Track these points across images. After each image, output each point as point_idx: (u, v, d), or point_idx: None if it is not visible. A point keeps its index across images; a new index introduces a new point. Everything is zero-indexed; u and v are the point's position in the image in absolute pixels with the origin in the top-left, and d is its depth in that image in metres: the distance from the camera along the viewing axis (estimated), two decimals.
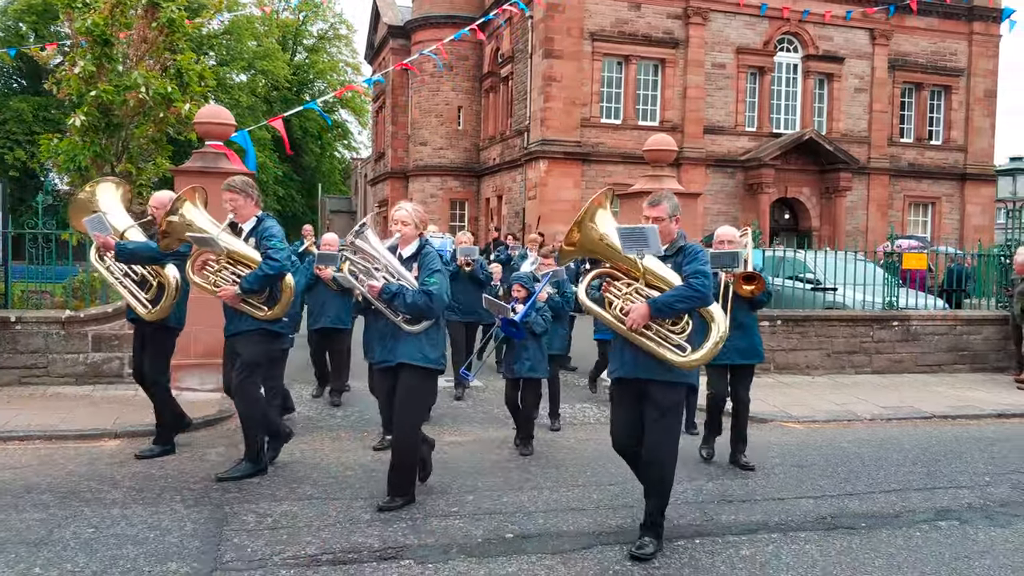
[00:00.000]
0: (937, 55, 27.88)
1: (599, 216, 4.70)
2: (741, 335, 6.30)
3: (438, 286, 5.07)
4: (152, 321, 6.19)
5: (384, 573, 4.25)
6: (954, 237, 27.33)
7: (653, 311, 4.44)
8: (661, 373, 4.58)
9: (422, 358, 5.17)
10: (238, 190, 5.78)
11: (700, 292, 4.43)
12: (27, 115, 32.87)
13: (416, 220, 5.35)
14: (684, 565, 4.53)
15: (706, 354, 4.51)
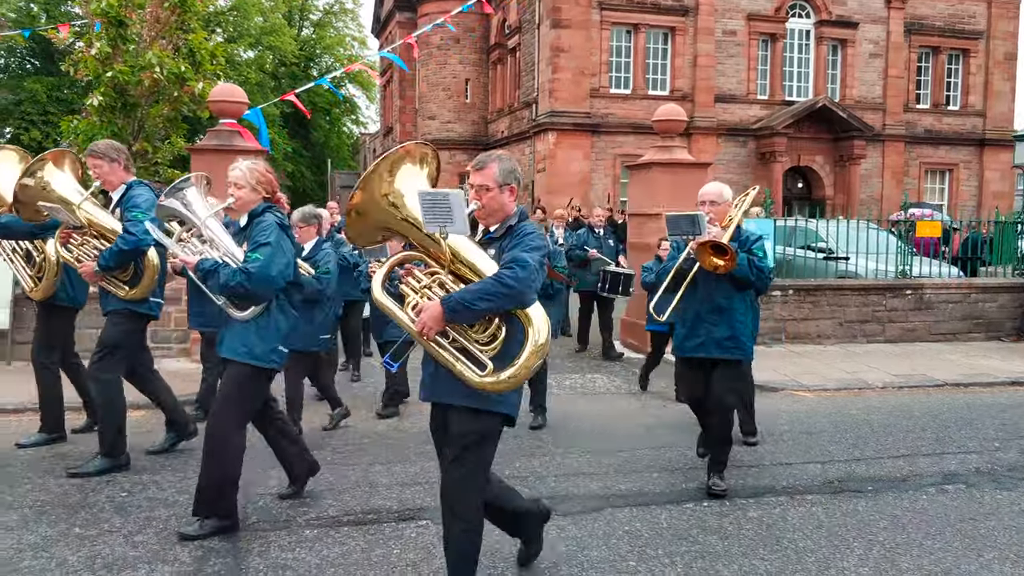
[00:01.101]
0: (955, 18, 27.48)
1: (403, 173, 3.42)
2: (720, 321, 5.15)
3: (261, 264, 4.14)
4: (40, 300, 5.70)
5: (402, 532, 4.43)
6: (972, 204, 27.13)
7: (446, 312, 3.21)
8: (463, 397, 3.37)
9: (245, 352, 4.29)
10: (100, 154, 5.25)
11: (509, 287, 3.18)
12: (41, 96, 33.02)
13: (253, 182, 4.36)
14: (692, 526, 4.68)
15: (517, 372, 3.27)
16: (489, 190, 3.45)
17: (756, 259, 5.07)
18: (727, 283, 5.14)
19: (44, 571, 3.90)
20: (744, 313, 5.23)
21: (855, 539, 4.54)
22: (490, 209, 3.47)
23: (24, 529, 4.38)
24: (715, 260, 4.97)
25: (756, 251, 5.11)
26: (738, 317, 5.19)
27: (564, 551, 4.29)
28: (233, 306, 4.33)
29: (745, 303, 5.26)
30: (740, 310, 5.21)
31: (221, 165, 9.51)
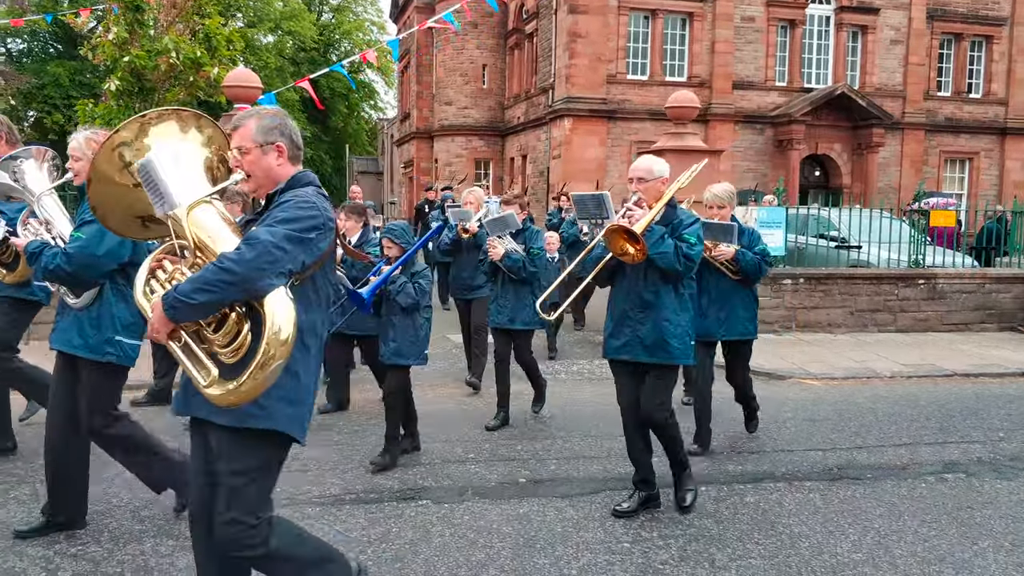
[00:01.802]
0: (978, 4, 27.06)
1: (159, 131, 2.76)
2: (645, 319, 4.51)
3: (81, 244, 3.69)
4: None
5: (402, 511, 4.52)
6: (992, 193, 26.80)
7: (165, 309, 2.54)
8: (218, 412, 2.68)
9: (80, 345, 3.88)
10: None
11: (229, 272, 2.49)
12: (64, 79, 33.36)
13: (90, 153, 3.75)
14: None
15: (248, 381, 2.50)
16: (247, 152, 2.77)
17: (685, 246, 4.35)
18: (655, 275, 4.43)
19: (53, 543, 4.03)
20: (677, 311, 4.46)
21: (850, 525, 4.57)
22: (255, 177, 2.80)
23: (35, 503, 4.50)
24: (625, 246, 4.24)
25: (687, 237, 4.38)
26: (666, 315, 4.43)
27: (560, 531, 4.37)
28: (68, 294, 3.93)
29: (678, 298, 4.48)
30: (670, 307, 4.44)
31: None
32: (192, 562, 3.81)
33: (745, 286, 5.83)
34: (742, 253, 5.59)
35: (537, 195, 25.79)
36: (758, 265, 5.62)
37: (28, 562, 3.83)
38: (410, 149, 36.34)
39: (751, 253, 5.65)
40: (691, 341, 4.59)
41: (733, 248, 5.56)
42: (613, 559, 4.06)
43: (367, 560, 3.93)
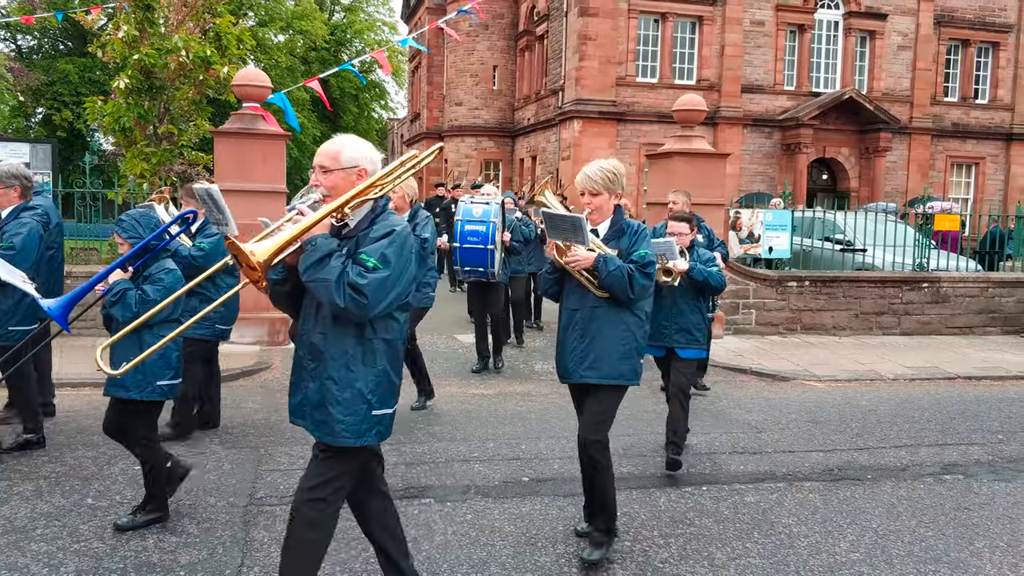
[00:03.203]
0: (985, 10, 27.04)
1: None
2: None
3: None
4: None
5: (406, 510, 4.57)
6: (998, 199, 26.76)
7: None
8: None
9: None
10: None
11: None
12: (73, 77, 33.55)
13: None
14: (689, 509, 4.79)
15: None
16: None
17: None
18: None
19: (56, 539, 4.09)
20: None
21: (848, 525, 4.63)
22: None
23: (39, 499, 4.58)
24: None
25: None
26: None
27: (562, 529, 4.43)
28: None
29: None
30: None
31: (244, 148, 9.75)
32: (194, 559, 3.90)
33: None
34: (604, 260, 3.90)
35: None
36: (623, 278, 3.87)
37: (31, 558, 3.89)
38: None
39: (617, 262, 3.93)
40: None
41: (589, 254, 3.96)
42: (614, 557, 4.12)
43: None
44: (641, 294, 3.92)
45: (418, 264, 6.17)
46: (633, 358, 4.02)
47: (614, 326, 3.98)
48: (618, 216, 4.08)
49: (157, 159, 11.13)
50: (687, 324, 5.53)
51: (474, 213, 7.83)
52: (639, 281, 3.86)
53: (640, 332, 4.06)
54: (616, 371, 3.99)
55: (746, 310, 10.92)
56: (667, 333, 5.51)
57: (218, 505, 4.55)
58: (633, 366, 4.03)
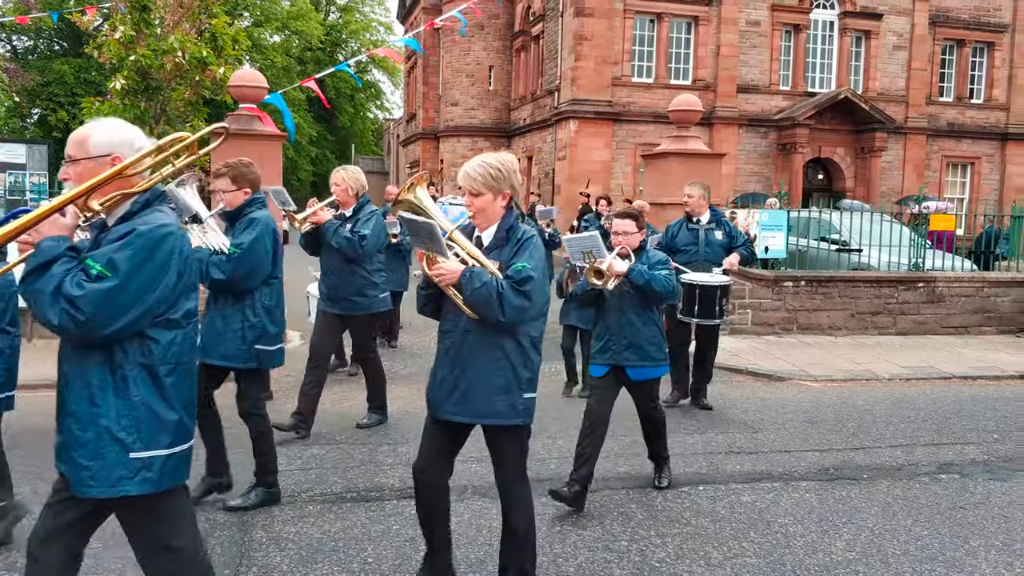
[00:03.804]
0: (980, 10, 27.12)
1: None
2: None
3: None
4: None
5: (402, 510, 4.59)
6: (993, 198, 26.85)
7: None
8: None
9: None
10: None
11: None
12: (69, 77, 33.50)
13: None
14: (686, 509, 4.81)
15: None
16: None
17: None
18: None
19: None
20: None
21: (844, 524, 4.65)
22: None
23: (36, 500, 4.57)
24: None
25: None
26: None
27: (559, 529, 4.44)
28: None
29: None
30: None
31: (240, 149, 9.73)
32: None
33: None
34: (469, 275, 3.24)
35: (542, 197, 25.90)
36: (491, 297, 3.17)
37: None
38: (416, 150, 36.46)
39: (486, 278, 3.21)
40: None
41: None
42: (610, 557, 4.13)
43: (367, 558, 4.01)
44: (515, 316, 3.19)
45: (362, 263, 5.97)
46: (512, 393, 3.33)
47: (488, 354, 3.32)
48: (507, 221, 3.41)
49: None
50: (639, 339, 4.83)
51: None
52: (511, 301, 3.15)
53: (523, 361, 3.36)
54: (489, 408, 3.33)
55: (742, 310, 10.94)
56: (615, 349, 4.84)
57: (216, 506, 4.55)
58: (512, 402, 3.33)
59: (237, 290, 4.53)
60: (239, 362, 4.56)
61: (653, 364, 4.92)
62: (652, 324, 4.90)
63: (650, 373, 4.95)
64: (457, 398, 3.37)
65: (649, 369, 4.92)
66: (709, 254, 7.15)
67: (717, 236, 7.24)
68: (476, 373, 3.33)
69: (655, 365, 4.94)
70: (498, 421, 3.38)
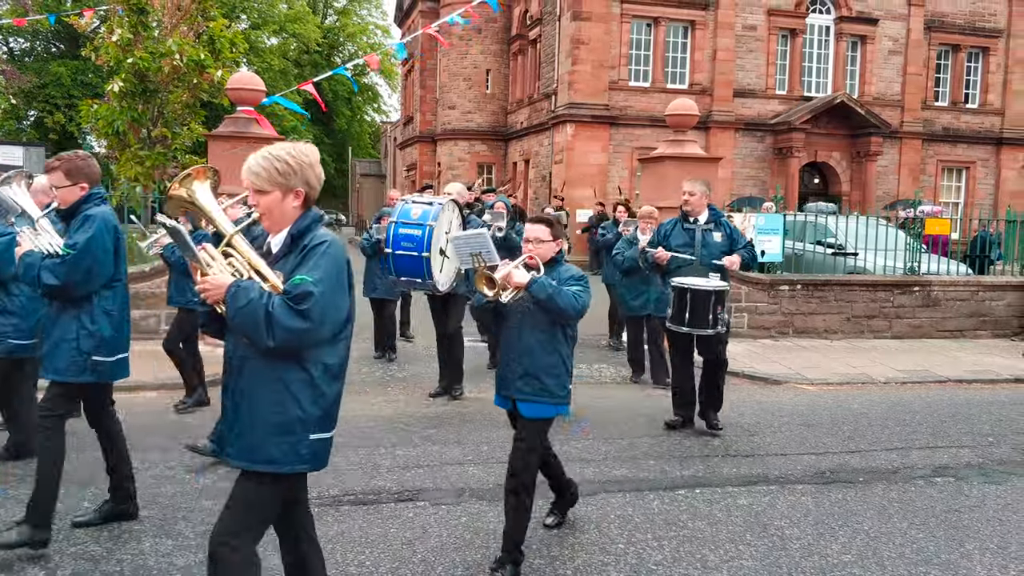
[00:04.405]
0: (975, 15, 27.22)
1: None
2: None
3: None
4: None
5: (400, 512, 4.60)
6: (988, 203, 26.94)
7: None
8: None
9: None
10: None
11: None
12: (66, 79, 33.48)
13: None
14: (683, 512, 4.82)
15: None
16: None
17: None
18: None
19: (52, 542, 4.07)
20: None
21: (840, 527, 4.66)
22: None
23: None
24: None
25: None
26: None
27: (556, 532, 4.45)
28: None
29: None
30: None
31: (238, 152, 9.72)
32: (189, 561, 3.91)
33: None
34: (234, 291, 2.76)
35: (539, 200, 25.93)
36: (258, 318, 2.65)
37: (27, 561, 3.90)
38: (413, 152, 36.46)
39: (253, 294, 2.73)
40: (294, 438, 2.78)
41: None
42: (607, 560, 4.14)
43: (365, 561, 4.02)
44: (290, 341, 2.64)
45: None
46: (295, 434, 2.76)
47: (267, 386, 2.76)
48: (298, 224, 2.82)
49: (151, 162, 11.15)
50: (535, 367, 3.98)
51: (412, 215, 6.44)
52: (283, 322, 2.61)
53: (312, 396, 2.78)
54: (263, 453, 2.76)
55: (738, 313, 10.96)
56: (509, 378, 4.05)
57: (213, 509, 4.54)
58: (294, 445, 2.76)
59: (74, 296, 4.04)
60: (71, 375, 4.06)
61: (549, 400, 4.01)
62: (554, 352, 4.01)
63: (543, 411, 4.04)
64: (234, 439, 2.82)
65: (543, 406, 4.02)
66: (706, 257, 6.51)
67: (715, 238, 6.61)
68: (252, 409, 2.77)
69: (551, 402, 4.02)
70: (272, 469, 2.77)
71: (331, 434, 2.90)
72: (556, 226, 4.15)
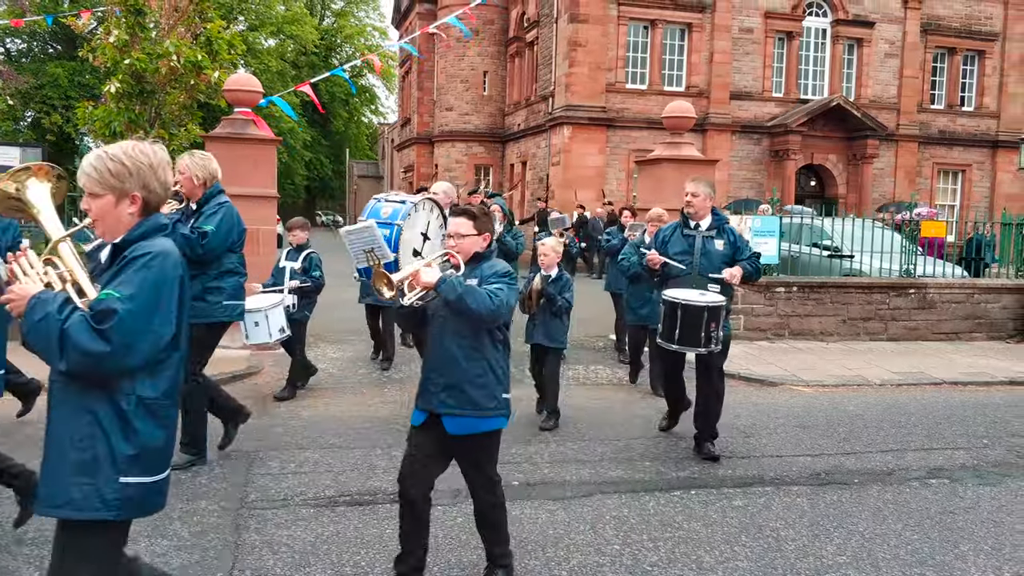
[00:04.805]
0: (971, 19, 27.31)
1: None
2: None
3: None
4: None
5: (396, 514, 4.57)
6: (984, 205, 27.02)
7: None
8: None
9: None
10: None
11: None
12: (63, 80, 33.45)
13: None
14: (678, 513, 4.83)
15: None
16: None
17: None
18: None
19: (47, 543, 4.03)
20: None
21: (836, 529, 4.68)
22: None
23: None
24: None
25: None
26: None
27: (551, 533, 4.46)
28: None
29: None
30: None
31: (235, 153, 9.77)
32: (185, 562, 3.91)
33: None
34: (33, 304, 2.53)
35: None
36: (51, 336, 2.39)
37: (22, 561, 3.89)
38: (410, 154, 36.48)
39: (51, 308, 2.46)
40: None
41: None
42: (603, 560, 4.15)
43: (360, 561, 4.02)
44: (85, 365, 2.31)
45: (207, 265, 5.06)
46: (97, 476, 2.39)
47: (72, 418, 2.42)
48: (132, 233, 2.52)
49: None
50: (457, 377, 3.55)
51: (382, 213, 5.88)
52: (78, 343, 2.27)
53: (123, 431, 2.40)
54: (62, 495, 2.40)
55: (734, 315, 10.93)
56: (431, 391, 3.61)
57: (209, 509, 4.56)
58: (98, 488, 2.38)
59: None
60: None
61: (476, 413, 3.55)
62: (480, 360, 3.56)
63: (473, 426, 3.57)
64: (44, 478, 2.47)
65: (470, 420, 3.56)
66: (705, 266, 5.87)
67: (717, 246, 5.94)
68: (55, 443, 2.45)
69: (480, 415, 3.57)
70: (70, 515, 2.40)
71: (148, 479, 2.47)
72: (481, 219, 3.71)
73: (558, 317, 6.58)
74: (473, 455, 3.72)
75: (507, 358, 3.73)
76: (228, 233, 5.18)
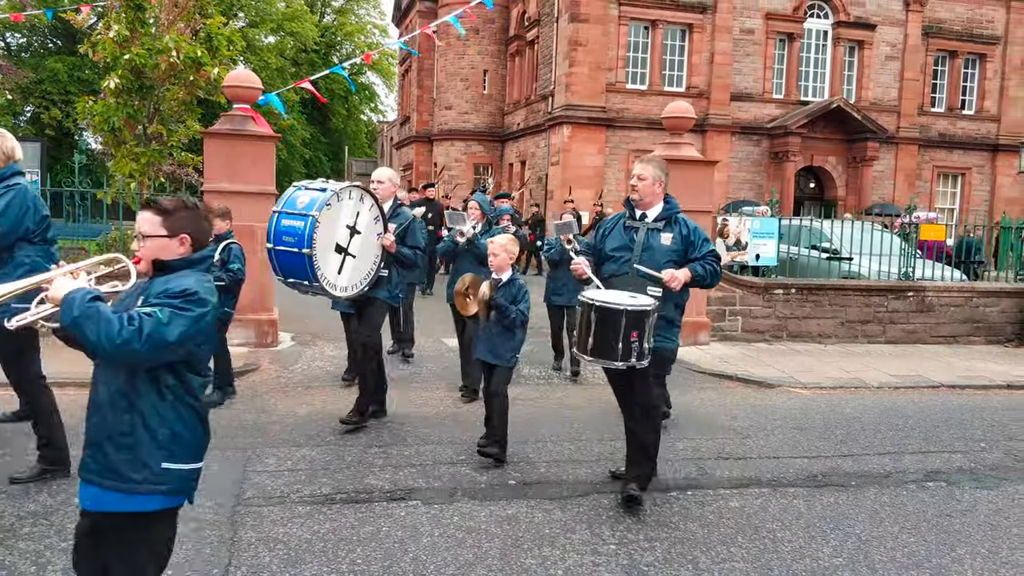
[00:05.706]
0: (973, 22, 27.32)
1: None
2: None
3: None
4: None
5: (392, 512, 4.59)
6: (984, 209, 27.02)
7: None
8: None
9: None
10: None
11: None
12: (62, 75, 33.45)
13: None
14: (674, 514, 4.82)
15: None
16: None
17: None
18: None
19: (43, 537, 4.08)
20: None
21: (832, 531, 4.67)
22: None
23: (25, 497, 4.56)
24: None
25: None
26: None
27: (548, 532, 4.45)
28: None
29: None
30: None
31: (234, 149, 9.75)
32: (181, 559, 3.90)
33: None
34: None
35: (535, 201, 25.94)
36: None
37: (18, 556, 3.88)
38: (409, 152, 36.44)
39: None
40: None
41: None
42: (599, 560, 4.14)
43: (356, 559, 4.01)
44: None
45: None
46: None
47: None
48: None
49: (146, 159, 11.12)
50: (100, 433, 2.60)
51: (297, 203, 5.30)
52: None
53: None
54: None
55: (732, 317, 10.99)
56: None
57: (206, 506, 4.54)
58: None
59: None
60: None
61: (116, 485, 2.57)
62: (130, 410, 2.57)
63: (105, 503, 2.59)
64: None
65: (106, 495, 2.58)
66: (647, 263, 4.84)
67: (663, 240, 4.91)
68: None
69: (120, 489, 2.57)
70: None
71: None
72: (177, 215, 2.70)
73: (509, 330, 5.49)
74: (111, 547, 2.61)
75: (195, 412, 2.75)
76: (20, 218, 4.43)
